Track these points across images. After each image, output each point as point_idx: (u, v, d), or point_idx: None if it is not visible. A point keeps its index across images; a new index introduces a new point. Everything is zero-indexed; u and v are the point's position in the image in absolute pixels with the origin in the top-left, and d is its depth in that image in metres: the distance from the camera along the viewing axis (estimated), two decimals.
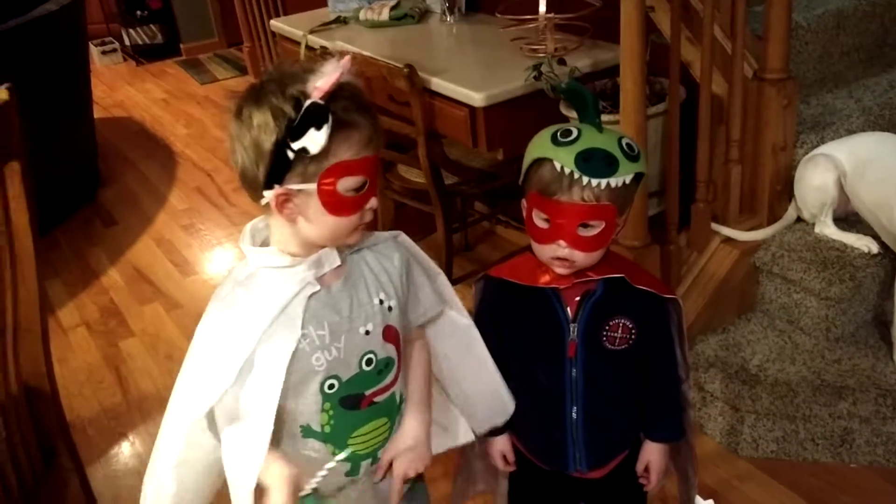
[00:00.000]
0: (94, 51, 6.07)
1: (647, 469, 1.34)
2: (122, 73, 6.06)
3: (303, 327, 1.04)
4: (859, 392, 1.94)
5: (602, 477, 1.34)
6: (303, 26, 3.01)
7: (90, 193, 4.05)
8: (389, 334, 1.12)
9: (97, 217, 3.84)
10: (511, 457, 1.36)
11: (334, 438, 1.12)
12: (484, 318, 1.29)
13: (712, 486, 1.97)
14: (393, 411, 1.16)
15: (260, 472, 1.06)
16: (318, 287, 1.06)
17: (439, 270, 1.23)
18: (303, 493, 1.12)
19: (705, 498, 1.44)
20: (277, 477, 1.07)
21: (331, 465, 1.12)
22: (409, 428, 1.18)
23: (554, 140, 1.13)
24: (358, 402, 1.11)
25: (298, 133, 0.95)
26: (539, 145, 1.15)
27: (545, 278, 1.21)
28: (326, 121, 0.95)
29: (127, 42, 6.18)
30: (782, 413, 1.98)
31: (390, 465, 1.18)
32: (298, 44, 2.96)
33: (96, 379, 2.69)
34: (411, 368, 1.21)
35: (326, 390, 1.08)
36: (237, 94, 1.02)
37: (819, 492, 1.93)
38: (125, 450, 2.37)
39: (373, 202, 1.04)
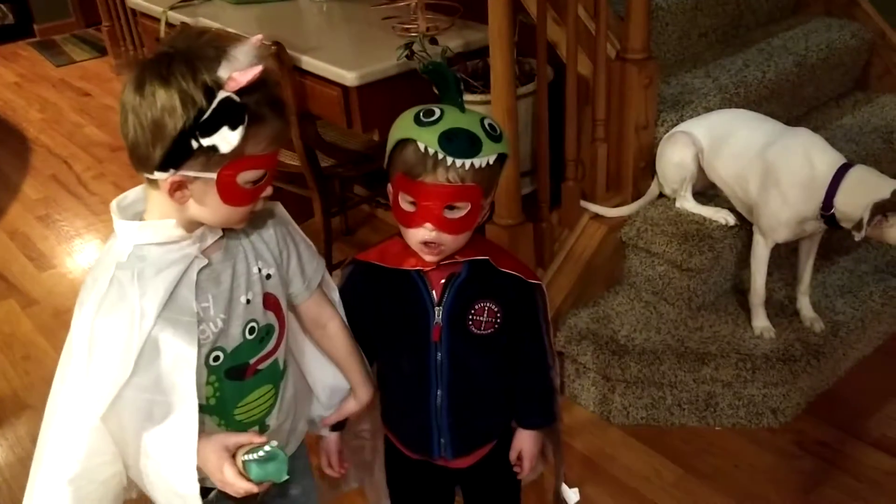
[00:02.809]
0: None
1: (519, 457, 1.35)
2: None
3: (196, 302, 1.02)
4: (721, 357, 2.05)
5: (470, 466, 1.35)
6: (163, 2, 2.86)
7: None
8: (269, 302, 1.11)
9: None
10: (335, 459, 1.33)
11: (219, 410, 1.10)
12: (349, 303, 1.27)
13: (587, 454, 2.03)
14: (277, 377, 1.15)
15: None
16: (205, 261, 1.03)
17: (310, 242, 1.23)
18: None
19: (577, 480, 1.47)
20: (212, 453, 1.00)
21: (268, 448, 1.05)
22: (365, 395, 1.27)
23: (417, 120, 1.11)
24: (243, 372, 1.10)
25: (209, 128, 0.92)
26: (402, 126, 1.14)
27: (411, 261, 1.20)
28: (242, 122, 0.92)
29: None
30: (650, 381, 2.06)
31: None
32: (158, 20, 2.82)
33: None
34: (341, 353, 1.25)
35: (212, 363, 1.06)
36: (137, 62, 0.97)
37: (687, 455, 2.02)
38: None
39: (268, 191, 1.04)
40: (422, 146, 1.09)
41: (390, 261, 1.22)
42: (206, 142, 0.92)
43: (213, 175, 0.96)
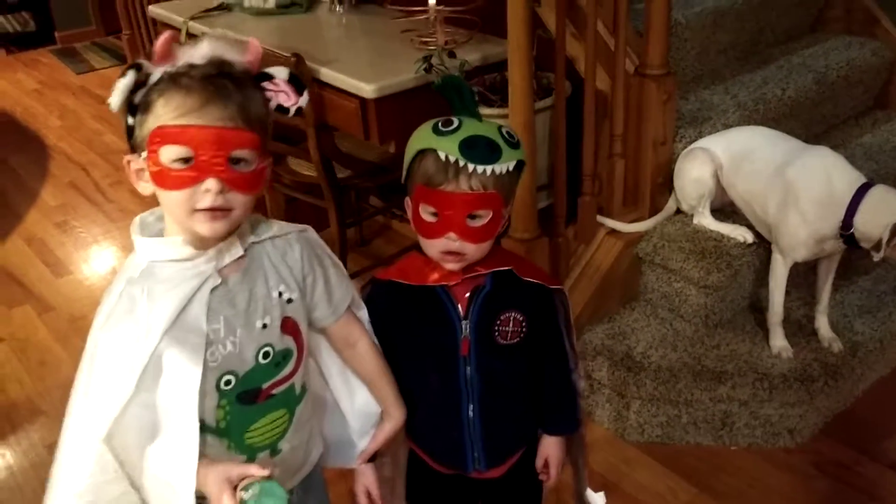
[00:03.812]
0: None
1: (546, 464, 1.35)
2: None
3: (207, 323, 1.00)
4: (738, 376, 2.03)
5: (500, 476, 1.34)
6: (184, 12, 2.88)
7: None
8: (288, 326, 1.08)
9: None
10: (375, 491, 1.31)
11: (230, 433, 1.07)
12: (372, 324, 1.26)
13: (601, 471, 2.01)
14: (291, 402, 1.13)
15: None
16: (218, 280, 1.01)
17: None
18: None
19: (596, 490, 1.45)
20: (214, 483, 0.98)
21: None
22: (400, 416, 1.24)
23: (436, 130, 1.12)
24: (255, 396, 1.07)
25: (132, 93, 0.97)
26: (421, 137, 1.13)
27: (434, 276, 1.19)
28: (143, 85, 0.96)
29: None
30: (666, 398, 2.04)
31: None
32: (179, 31, 2.84)
33: None
34: (372, 374, 1.22)
35: (223, 387, 1.04)
36: None
37: (702, 474, 2.00)
38: None
39: (209, 184, 0.95)
40: (442, 155, 1.09)
41: (413, 277, 1.21)
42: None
43: (144, 154, 0.97)
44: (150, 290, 0.98)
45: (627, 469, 2.03)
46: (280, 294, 1.07)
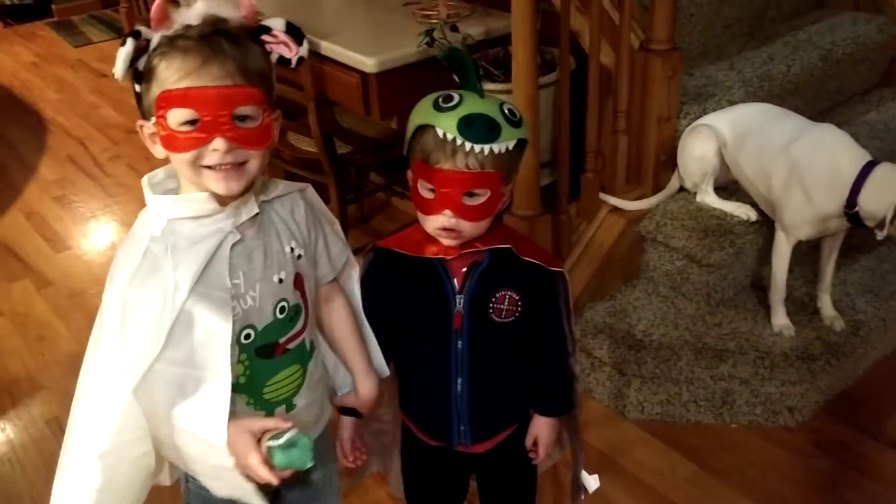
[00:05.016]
0: None
1: (535, 443, 1.35)
2: None
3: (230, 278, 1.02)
4: (739, 354, 2.02)
5: (488, 451, 1.34)
6: None
7: None
8: (298, 282, 1.11)
9: None
10: (347, 447, 1.30)
11: (249, 389, 1.09)
12: (370, 291, 1.27)
13: (601, 448, 2.01)
14: (304, 358, 1.15)
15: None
16: (238, 236, 1.03)
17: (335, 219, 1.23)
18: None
19: (594, 469, 1.45)
20: (238, 437, 0.99)
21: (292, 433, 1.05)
22: (365, 391, 1.23)
23: (436, 106, 1.11)
24: (273, 351, 1.09)
25: (134, 61, 0.96)
26: (421, 112, 1.13)
27: (432, 249, 1.19)
28: (145, 51, 0.96)
29: None
30: (666, 376, 2.04)
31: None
32: (177, 3, 2.80)
33: None
34: (342, 334, 1.22)
35: (243, 340, 1.06)
36: None
37: (702, 451, 2.00)
38: None
39: (216, 143, 0.96)
40: (440, 132, 1.09)
41: (411, 248, 1.21)
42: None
43: (153, 120, 0.98)
44: (173, 248, 0.99)
45: (627, 447, 2.03)
46: (292, 250, 1.10)
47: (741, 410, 2.05)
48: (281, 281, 1.08)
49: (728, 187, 2.23)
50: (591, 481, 1.44)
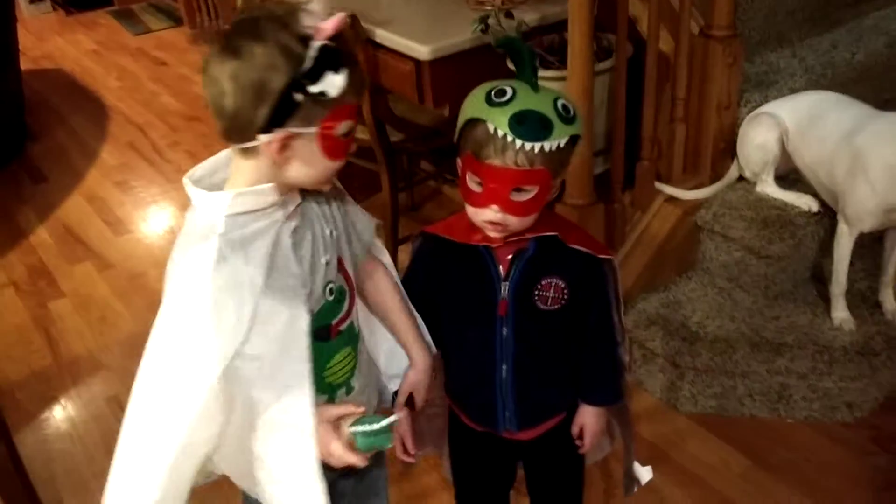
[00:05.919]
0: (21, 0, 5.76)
1: (581, 432, 1.34)
2: (51, 23, 5.77)
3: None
4: (797, 349, 1.98)
5: (534, 439, 1.34)
6: None
7: (18, 148, 3.86)
8: (340, 263, 1.13)
9: (25, 173, 3.67)
10: (408, 440, 1.29)
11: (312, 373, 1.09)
12: (417, 276, 1.28)
13: (653, 441, 1.99)
14: (354, 340, 1.16)
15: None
16: (295, 225, 1.05)
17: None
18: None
19: (646, 461, 1.44)
20: (318, 426, 1.01)
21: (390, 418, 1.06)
22: (420, 358, 1.24)
23: (488, 100, 1.09)
24: (328, 333, 1.11)
25: (314, 76, 0.93)
26: (473, 105, 1.11)
27: (478, 236, 1.19)
28: (342, 64, 0.94)
29: None
30: (721, 369, 2.01)
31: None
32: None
33: (25, 341, 2.59)
34: (390, 306, 1.24)
35: None
36: (219, 33, 0.99)
37: (756, 446, 1.97)
38: (57, 413, 2.28)
39: (352, 146, 1.04)
40: (491, 127, 1.07)
41: (458, 235, 1.21)
42: (314, 88, 0.93)
43: (315, 129, 0.97)
44: (241, 242, 0.99)
45: (679, 440, 2.01)
46: (331, 233, 1.11)
47: (798, 405, 2.01)
48: (327, 263, 1.09)
49: (788, 177, 2.18)
50: (645, 473, 1.43)
